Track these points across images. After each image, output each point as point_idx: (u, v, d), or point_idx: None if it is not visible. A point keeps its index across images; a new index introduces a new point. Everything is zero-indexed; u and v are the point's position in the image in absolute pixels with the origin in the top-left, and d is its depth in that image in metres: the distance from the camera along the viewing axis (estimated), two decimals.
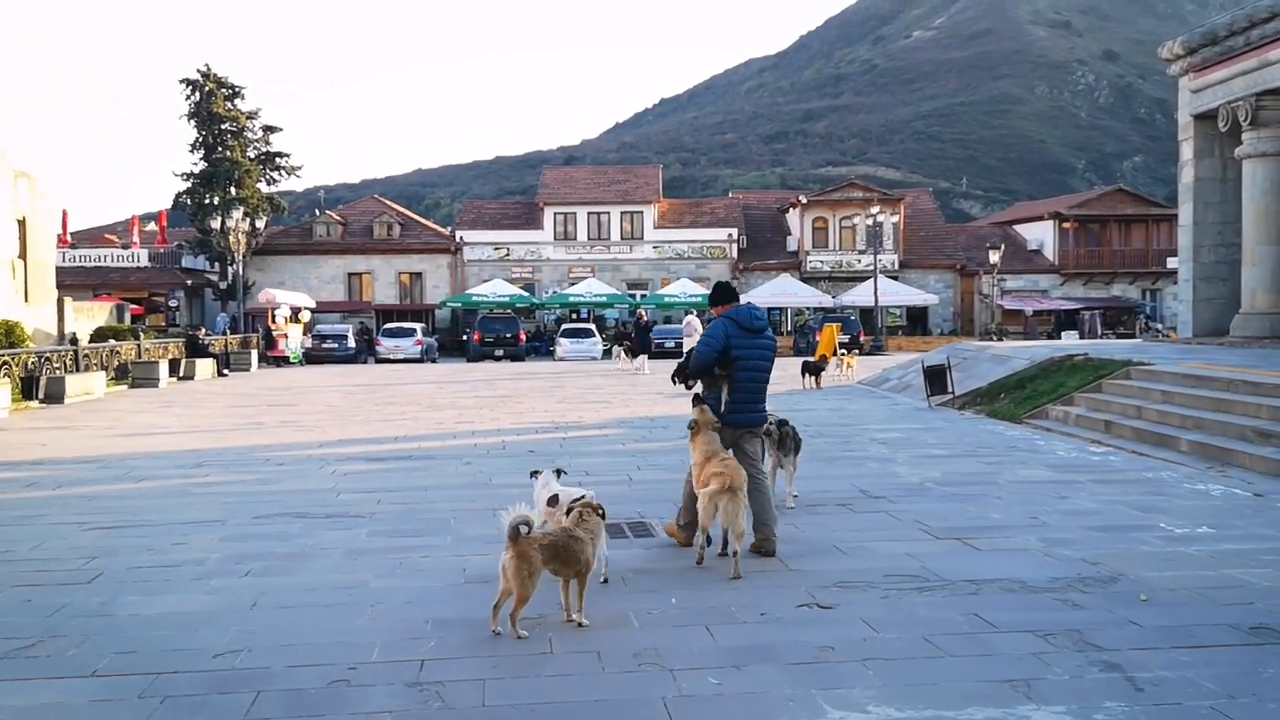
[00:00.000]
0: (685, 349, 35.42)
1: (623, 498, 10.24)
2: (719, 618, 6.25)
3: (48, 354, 24.75)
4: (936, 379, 19.61)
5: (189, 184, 54.83)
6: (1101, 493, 10.26)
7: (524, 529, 5.81)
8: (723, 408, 8.07)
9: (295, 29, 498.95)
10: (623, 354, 36.00)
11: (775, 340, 8.47)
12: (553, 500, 7.43)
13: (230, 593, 6.91)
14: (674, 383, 8.71)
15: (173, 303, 54.29)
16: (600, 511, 6.42)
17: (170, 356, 31.45)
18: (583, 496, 6.95)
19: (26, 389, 22.32)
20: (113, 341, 31.22)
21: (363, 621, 6.26)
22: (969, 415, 17.97)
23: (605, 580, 7.02)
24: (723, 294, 8.41)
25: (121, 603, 6.72)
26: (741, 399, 8.10)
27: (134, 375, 28.00)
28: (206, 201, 53.51)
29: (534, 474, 7.91)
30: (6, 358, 22.56)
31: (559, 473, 7.86)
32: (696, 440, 7.91)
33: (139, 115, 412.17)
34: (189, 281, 54.33)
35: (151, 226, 63.17)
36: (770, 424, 9.74)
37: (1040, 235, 57.22)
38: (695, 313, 41.84)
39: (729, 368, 8.03)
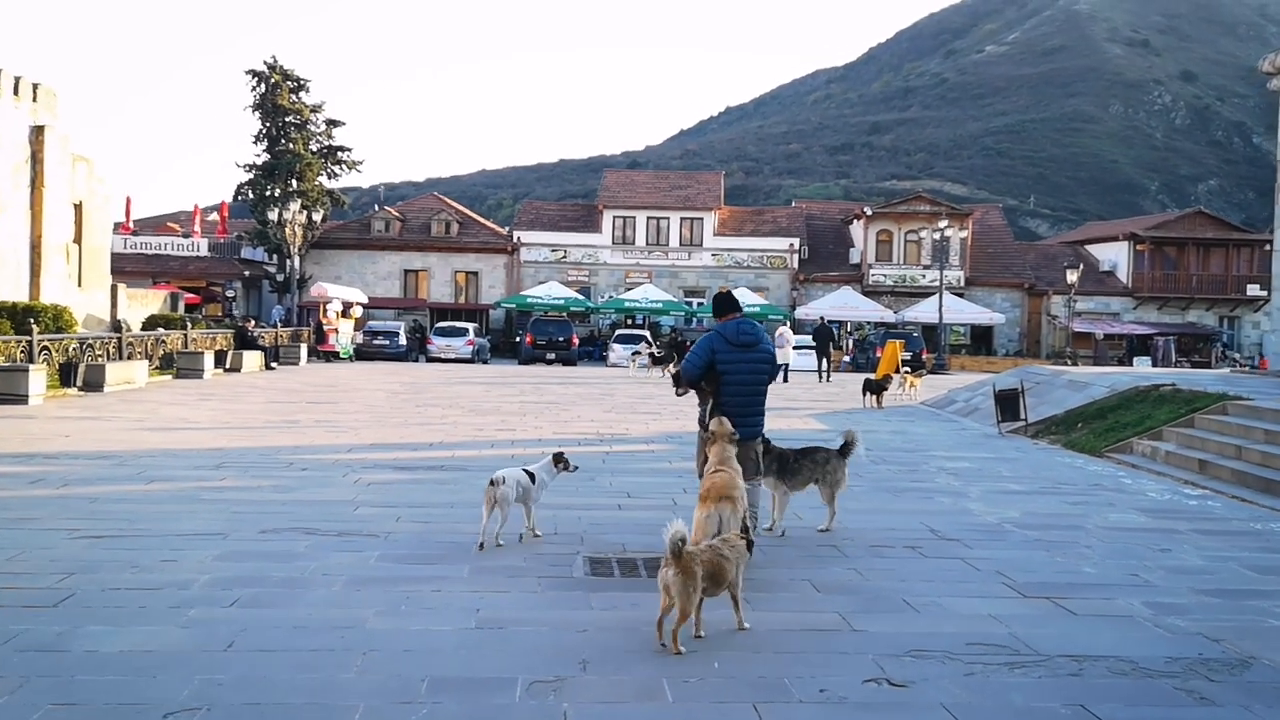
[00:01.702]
0: (779, 361, 33.93)
1: (663, 526, 9.22)
2: (769, 692, 5.24)
3: (90, 341, 24.28)
4: (1008, 404, 18.39)
5: (251, 175, 54.69)
6: (1208, 546, 9.08)
7: (683, 544, 5.79)
8: (707, 420, 8.20)
9: (365, 26, 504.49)
10: (635, 360, 34.78)
11: (771, 353, 8.63)
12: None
13: (208, 627, 6.02)
14: (673, 383, 8.80)
15: (230, 293, 54.21)
16: (745, 537, 6.48)
17: (217, 348, 30.97)
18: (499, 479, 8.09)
19: (65, 376, 21.84)
20: (161, 330, 30.85)
21: (349, 675, 5.31)
22: (1044, 445, 16.75)
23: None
24: (725, 305, 8.56)
25: (82, 634, 5.85)
26: (730, 413, 8.08)
27: (179, 365, 27.50)
28: (268, 193, 53.30)
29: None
30: (46, 343, 22.08)
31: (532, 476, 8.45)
32: (711, 450, 7.88)
33: (209, 105, 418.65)
34: (247, 273, 54.24)
35: (213, 217, 63.31)
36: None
37: (1113, 256, 55.33)
38: (787, 323, 40.65)
39: (714, 382, 8.20)
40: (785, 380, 32.37)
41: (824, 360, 34.53)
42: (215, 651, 5.60)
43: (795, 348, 37.25)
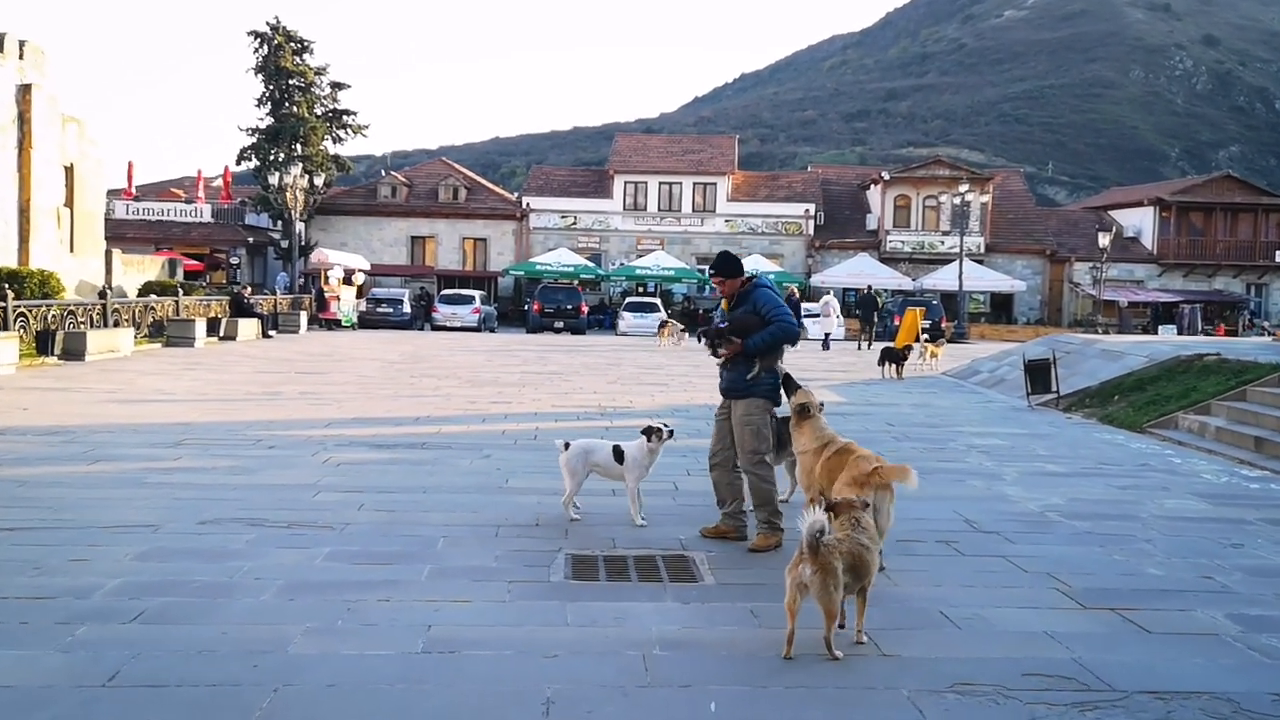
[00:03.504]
0: (824, 331, 33.76)
1: (663, 515, 8.13)
2: None
3: (71, 307, 23.23)
4: (1039, 375, 17.19)
5: (254, 140, 53.47)
6: None
7: (823, 537, 5.01)
8: (753, 377, 7.32)
9: None
10: (666, 332, 33.44)
11: None
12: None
13: (94, 652, 4.92)
14: (702, 342, 7.81)
15: (234, 260, 53.11)
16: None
17: (211, 315, 29.94)
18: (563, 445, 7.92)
19: (43, 344, 20.81)
20: (153, 296, 29.83)
21: None
22: (1078, 419, 15.57)
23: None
24: (739, 266, 7.52)
25: None
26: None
27: (169, 334, 26.50)
28: (271, 158, 52.11)
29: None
30: (22, 309, 21.03)
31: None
32: (805, 427, 7.10)
33: (216, 69, 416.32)
34: (251, 239, 53.11)
35: (219, 183, 62.13)
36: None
37: (1138, 222, 53.76)
38: (831, 292, 39.91)
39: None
40: (827, 348, 32.44)
41: (868, 328, 34.94)
42: (91, 687, 4.51)
43: (807, 315, 36.67)
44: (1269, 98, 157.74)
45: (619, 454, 7.85)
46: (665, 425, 7.96)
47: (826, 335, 33.82)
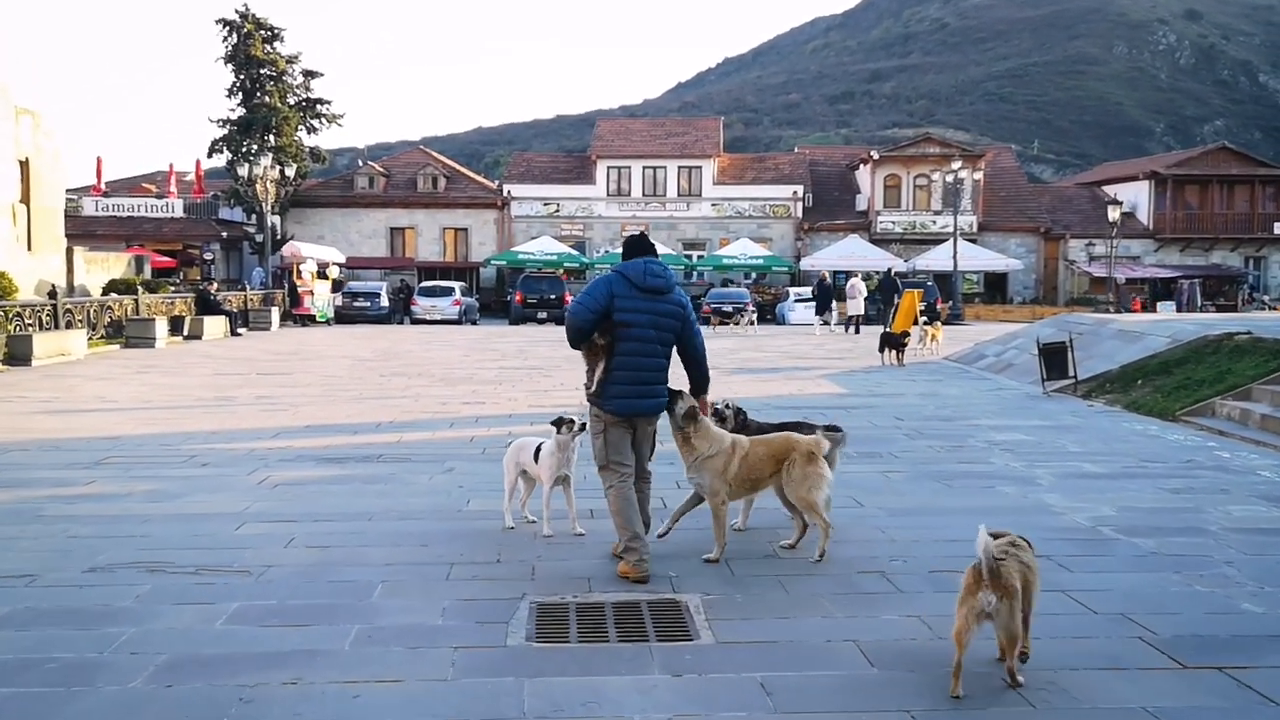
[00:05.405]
0: (850, 313, 33.27)
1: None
2: None
3: (18, 308, 21.82)
4: (1055, 359, 15.91)
5: (226, 131, 51.91)
6: None
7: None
8: (593, 388, 6.41)
9: None
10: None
11: (683, 307, 6.50)
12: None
13: None
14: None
15: (207, 255, 51.54)
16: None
17: (175, 313, 28.53)
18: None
19: None
20: (113, 295, 28.41)
21: None
22: (1101, 407, 14.31)
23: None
24: (635, 247, 6.55)
25: None
26: (625, 378, 6.32)
27: (128, 334, 25.11)
28: (243, 149, 50.57)
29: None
30: None
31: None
32: (709, 430, 6.61)
33: (188, 60, 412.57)
34: (225, 234, 51.58)
35: (191, 176, 60.50)
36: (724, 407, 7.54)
37: (1132, 197, 52.44)
38: (859, 274, 38.95)
39: (611, 335, 6.30)
40: (857, 332, 31.96)
41: (888, 310, 34.14)
42: None
43: (798, 300, 35.83)
44: (1252, 71, 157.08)
45: (538, 453, 7.00)
46: (576, 417, 6.95)
47: (855, 318, 33.52)
